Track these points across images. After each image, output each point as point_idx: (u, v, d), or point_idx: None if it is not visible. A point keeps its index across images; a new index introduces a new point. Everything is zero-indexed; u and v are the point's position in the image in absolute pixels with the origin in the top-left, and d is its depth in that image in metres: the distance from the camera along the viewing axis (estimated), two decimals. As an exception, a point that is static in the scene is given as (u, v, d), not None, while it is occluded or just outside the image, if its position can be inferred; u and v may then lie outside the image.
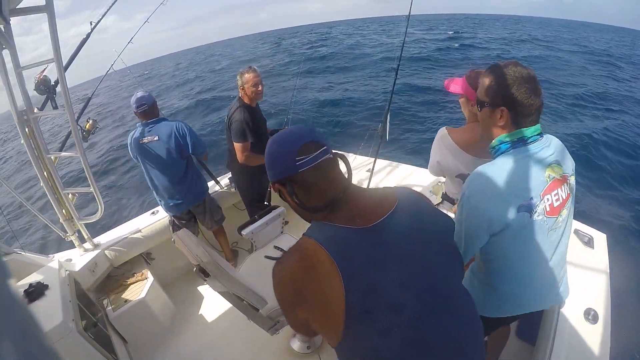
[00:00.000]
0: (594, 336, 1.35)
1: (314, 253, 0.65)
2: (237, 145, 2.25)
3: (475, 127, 1.33)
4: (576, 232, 1.93)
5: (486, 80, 0.98)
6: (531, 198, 0.95)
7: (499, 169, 0.97)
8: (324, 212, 0.72)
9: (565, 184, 1.01)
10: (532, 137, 0.96)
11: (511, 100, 0.92)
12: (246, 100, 2.30)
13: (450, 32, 28.84)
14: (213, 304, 2.39)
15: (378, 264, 0.67)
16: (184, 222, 2.46)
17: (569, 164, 1.04)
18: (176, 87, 19.54)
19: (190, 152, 2.29)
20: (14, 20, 1.55)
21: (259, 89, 2.27)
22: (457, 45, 21.05)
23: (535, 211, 0.96)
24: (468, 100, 1.42)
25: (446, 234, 0.81)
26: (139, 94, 2.19)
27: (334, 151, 0.73)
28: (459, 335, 0.72)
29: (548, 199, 0.97)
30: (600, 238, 1.89)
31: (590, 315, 1.42)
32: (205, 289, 2.54)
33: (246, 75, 2.24)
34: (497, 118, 0.96)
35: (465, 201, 1.00)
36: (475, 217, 0.98)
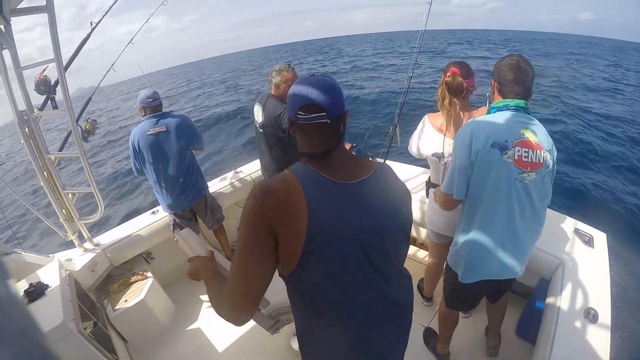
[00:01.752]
0: (594, 336, 1.35)
1: (294, 186, 0.76)
2: None
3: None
4: (576, 231, 1.93)
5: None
6: (505, 140, 1.19)
7: (485, 118, 1.28)
8: (311, 158, 0.83)
9: (538, 152, 1.22)
10: (514, 106, 1.23)
11: (499, 76, 1.27)
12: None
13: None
14: None
15: (342, 214, 0.78)
16: (185, 221, 2.46)
17: (547, 142, 1.25)
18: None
19: (193, 143, 2.37)
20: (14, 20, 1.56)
21: None
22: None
23: (506, 153, 1.19)
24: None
25: (404, 220, 0.91)
26: (150, 90, 2.27)
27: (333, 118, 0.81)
28: (393, 299, 0.87)
29: (518, 150, 1.20)
30: (600, 237, 1.89)
31: (590, 315, 1.42)
32: (205, 289, 2.54)
33: (285, 74, 2.15)
34: (492, 88, 1.32)
35: (458, 138, 1.29)
36: (463, 149, 1.24)
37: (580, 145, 6.96)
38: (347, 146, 2.21)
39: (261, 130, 2.27)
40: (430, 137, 1.65)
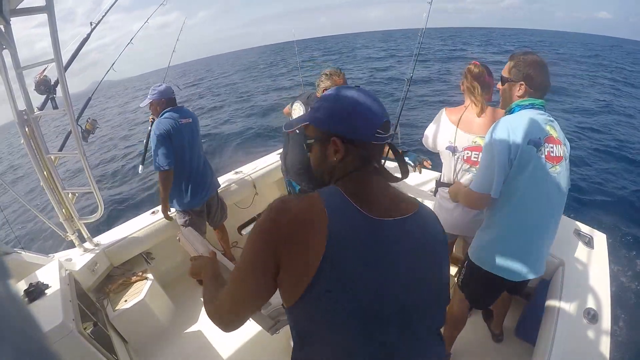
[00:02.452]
0: (594, 336, 1.35)
1: (319, 212, 0.65)
2: None
3: (464, 108, 1.67)
4: (576, 232, 1.93)
5: (510, 64, 1.33)
6: (539, 138, 1.25)
7: (517, 116, 1.30)
8: (347, 183, 0.71)
9: (559, 146, 1.29)
10: (539, 105, 1.30)
11: (529, 78, 1.28)
12: None
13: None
14: None
15: (364, 256, 0.65)
16: (199, 218, 2.43)
17: (562, 137, 1.32)
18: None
19: None
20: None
21: None
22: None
23: (540, 149, 1.25)
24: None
25: (444, 277, 0.77)
26: (166, 85, 2.30)
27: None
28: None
29: (547, 146, 1.27)
30: (600, 238, 1.89)
31: (590, 315, 1.42)
32: None
33: (335, 79, 2.05)
34: (516, 90, 1.32)
35: (495, 136, 1.29)
36: (503, 146, 1.26)
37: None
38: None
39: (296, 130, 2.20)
40: (446, 129, 1.70)
